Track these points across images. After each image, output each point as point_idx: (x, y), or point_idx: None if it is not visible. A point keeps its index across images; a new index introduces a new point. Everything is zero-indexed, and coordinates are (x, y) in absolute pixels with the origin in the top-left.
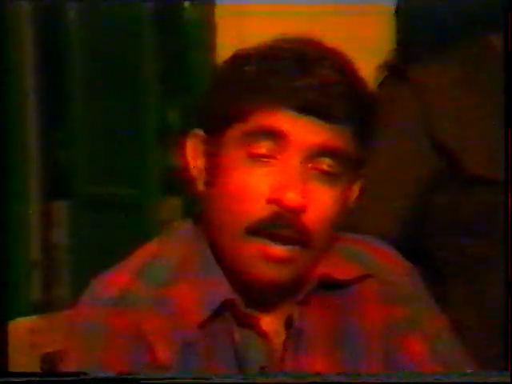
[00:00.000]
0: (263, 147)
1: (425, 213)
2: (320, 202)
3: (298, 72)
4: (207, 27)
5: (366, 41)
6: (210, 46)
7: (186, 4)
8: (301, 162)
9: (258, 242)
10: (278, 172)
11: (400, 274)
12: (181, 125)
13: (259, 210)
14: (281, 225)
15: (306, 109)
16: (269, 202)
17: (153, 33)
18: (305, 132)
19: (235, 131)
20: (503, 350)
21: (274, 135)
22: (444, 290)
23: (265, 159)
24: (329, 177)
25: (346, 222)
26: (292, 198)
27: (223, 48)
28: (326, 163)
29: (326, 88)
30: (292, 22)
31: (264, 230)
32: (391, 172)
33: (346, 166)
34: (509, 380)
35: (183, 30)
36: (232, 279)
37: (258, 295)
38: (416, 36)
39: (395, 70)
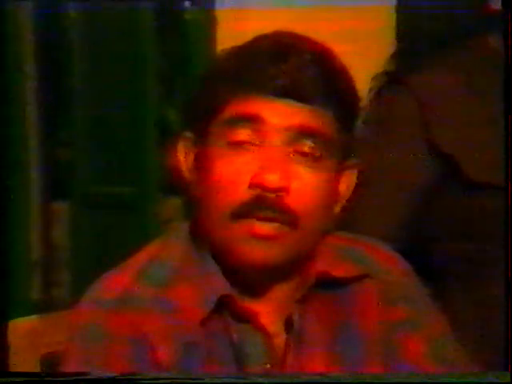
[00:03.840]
0: (243, 133)
1: (425, 217)
2: (303, 183)
3: (273, 60)
4: (207, 27)
5: (365, 40)
6: (210, 46)
7: (186, 4)
8: (280, 145)
9: (243, 223)
10: (258, 156)
11: (399, 274)
12: (180, 125)
13: (242, 194)
14: (264, 207)
15: (282, 92)
16: (251, 186)
17: (153, 33)
18: (282, 115)
19: (216, 122)
20: (503, 351)
21: (252, 120)
22: (444, 294)
23: (245, 145)
24: (311, 158)
25: (346, 223)
26: (273, 179)
27: (223, 47)
28: (306, 145)
29: (301, 71)
30: (292, 21)
31: (248, 212)
32: (391, 177)
33: (328, 148)
34: (509, 380)
35: (183, 30)
36: (227, 272)
37: (254, 286)
38: (414, 40)
39: (394, 76)
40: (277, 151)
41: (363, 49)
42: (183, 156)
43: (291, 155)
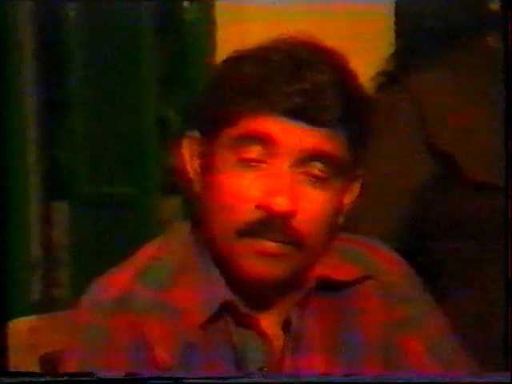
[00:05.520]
0: (253, 152)
1: (424, 217)
2: (311, 206)
3: (289, 76)
4: (207, 27)
5: (365, 40)
6: (210, 46)
7: (186, 4)
8: (290, 167)
9: (248, 241)
10: (267, 177)
11: (399, 274)
12: (181, 125)
13: (249, 214)
14: (270, 229)
15: (296, 113)
16: (258, 206)
17: (153, 33)
18: (294, 137)
19: (227, 134)
20: (503, 350)
21: (264, 140)
22: (443, 293)
23: (255, 163)
24: (320, 181)
25: (346, 224)
26: (280, 202)
27: (223, 48)
28: (317, 168)
29: (316, 92)
30: (292, 22)
31: (254, 232)
32: (391, 177)
33: (338, 169)
34: (509, 380)
35: (183, 30)
36: (229, 280)
37: (255, 295)
38: (414, 41)
39: (393, 76)
40: (286, 173)
41: (363, 48)
42: (188, 155)
43: (300, 177)
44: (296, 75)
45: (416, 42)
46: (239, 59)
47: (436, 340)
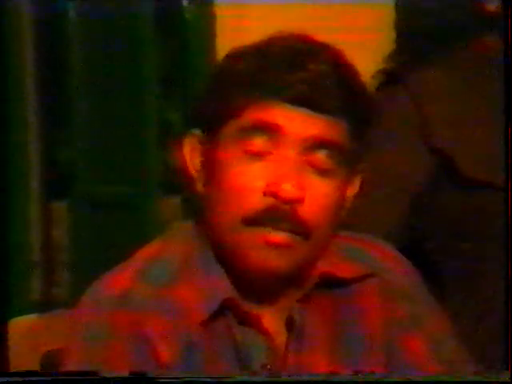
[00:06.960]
0: (258, 142)
1: (423, 216)
2: (316, 193)
3: (291, 66)
4: (207, 27)
5: (365, 35)
6: (210, 46)
7: (186, 4)
8: (296, 155)
9: (255, 230)
10: (273, 165)
11: (401, 273)
12: (181, 125)
13: (256, 202)
14: (278, 217)
15: (299, 101)
16: (265, 194)
17: (153, 33)
18: (299, 124)
19: (230, 128)
20: (503, 350)
21: (269, 129)
22: (443, 293)
23: (260, 153)
24: (325, 169)
25: (347, 223)
26: (288, 189)
27: (223, 48)
28: (321, 156)
29: (319, 80)
30: (292, 22)
31: (261, 221)
32: (390, 176)
33: (342, 158)
34: (509, 380)
35: (183, 30)
36: (233, 275)
37: (257, 291)
38: (414, 41)
39: (393, 75)
40: (291, 160)
41: (362, 47)
42: (189, 153)
43: (306, 166)
44: (297, 65)
45: (416, 41)
46: (239, 54)
47: (437, 339)
